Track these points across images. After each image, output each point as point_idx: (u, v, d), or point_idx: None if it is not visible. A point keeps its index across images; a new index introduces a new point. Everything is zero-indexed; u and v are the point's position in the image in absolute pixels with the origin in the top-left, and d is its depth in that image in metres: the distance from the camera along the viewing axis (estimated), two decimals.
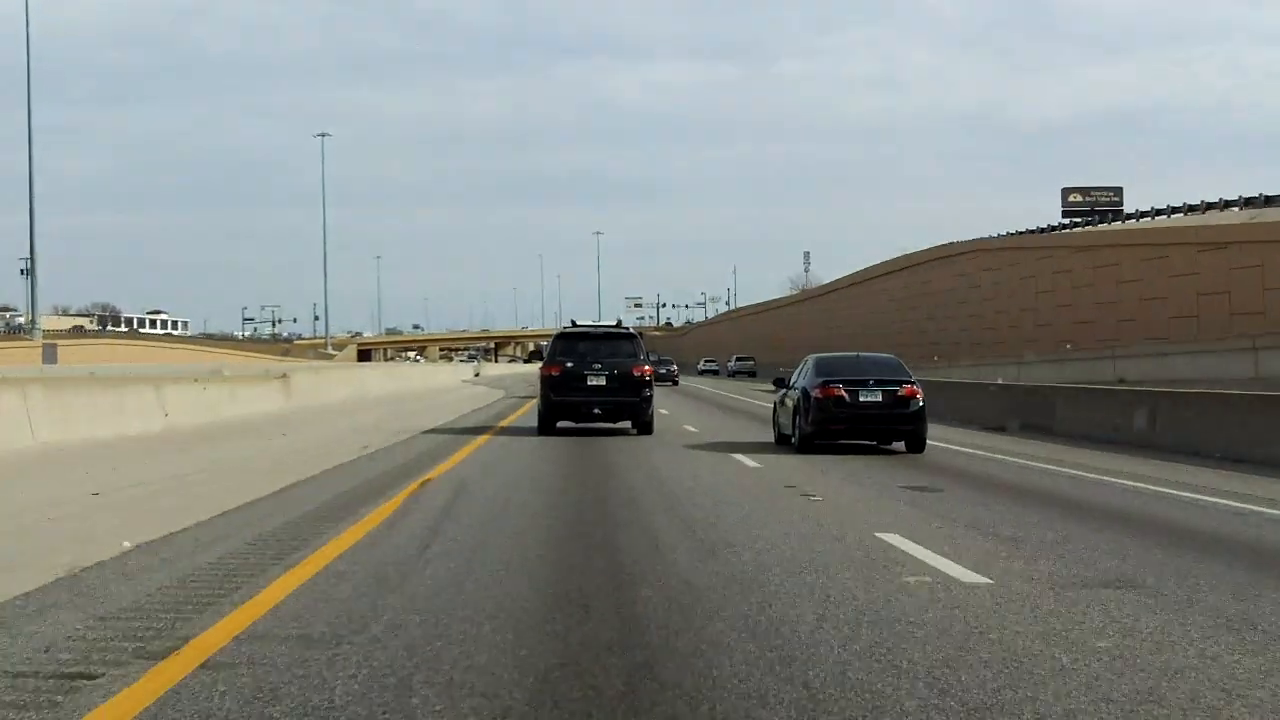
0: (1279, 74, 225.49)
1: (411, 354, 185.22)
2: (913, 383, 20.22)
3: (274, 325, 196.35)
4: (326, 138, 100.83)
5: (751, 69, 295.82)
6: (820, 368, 20.70)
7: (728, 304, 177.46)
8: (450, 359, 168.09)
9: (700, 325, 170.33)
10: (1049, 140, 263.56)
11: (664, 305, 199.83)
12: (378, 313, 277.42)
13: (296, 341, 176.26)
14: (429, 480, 14.56)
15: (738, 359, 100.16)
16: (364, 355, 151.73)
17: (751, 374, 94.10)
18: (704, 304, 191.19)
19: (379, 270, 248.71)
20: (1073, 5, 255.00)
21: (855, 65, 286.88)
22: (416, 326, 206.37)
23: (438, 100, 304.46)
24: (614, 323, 26.48)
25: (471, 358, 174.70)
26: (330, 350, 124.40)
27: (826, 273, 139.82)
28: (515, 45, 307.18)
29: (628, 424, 24.70)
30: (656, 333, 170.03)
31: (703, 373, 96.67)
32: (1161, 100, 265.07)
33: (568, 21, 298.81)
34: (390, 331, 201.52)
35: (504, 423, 28.52)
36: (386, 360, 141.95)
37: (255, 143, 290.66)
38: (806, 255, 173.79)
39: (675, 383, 68.62)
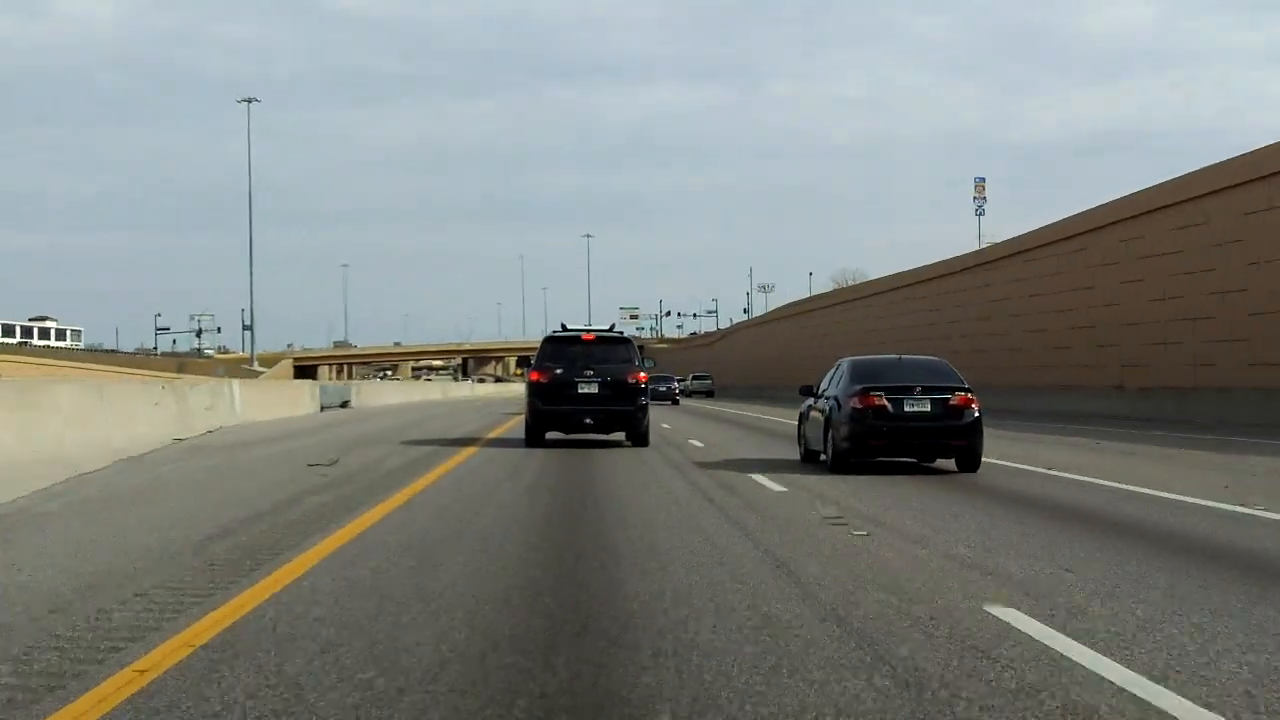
0: None
1: (385, 372, 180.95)
2: (967, 390, 18.51)
3: (198, 336, 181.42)
4: (257, 111, 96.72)
5: (746, 90, 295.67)
6: (857, 372, 18.86)
7: (746, 311, 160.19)
8: (420, 377, 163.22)
9: (717, 337, 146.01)
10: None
11: (667, 314, 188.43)
12: (344, 325, 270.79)
13: (219, 355, 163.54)
14: None
15: (694, 377, 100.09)
16: (305, 372, 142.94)
17: (709, 394, 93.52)
18: (715, 312, 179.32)
19: (345, 280, 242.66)
20: None
21: (843, 86, 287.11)
22: (397, 344, 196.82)
23: (429, 121, 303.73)
24: (607, 326, 25.57)
25: (461, 374, 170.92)
26: (257, 367, 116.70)
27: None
28: (508, 67, 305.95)
29: (621, 435, 24.41)
30: (661, 345, 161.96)
31: None
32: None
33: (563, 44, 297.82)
34: (339, 344, 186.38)
35: None
36: (347, 380, 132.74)
37: (238, 162, 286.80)
38: (978, 195, 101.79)
39: (676, 401, 67.19)
